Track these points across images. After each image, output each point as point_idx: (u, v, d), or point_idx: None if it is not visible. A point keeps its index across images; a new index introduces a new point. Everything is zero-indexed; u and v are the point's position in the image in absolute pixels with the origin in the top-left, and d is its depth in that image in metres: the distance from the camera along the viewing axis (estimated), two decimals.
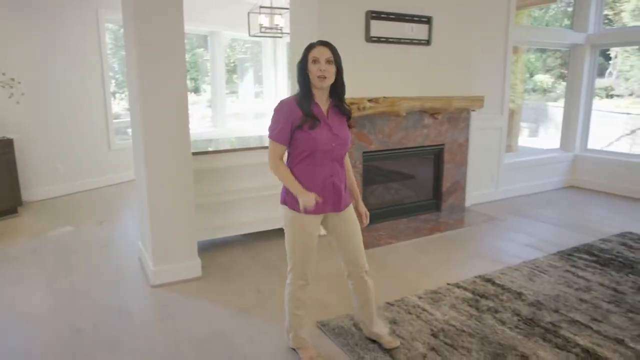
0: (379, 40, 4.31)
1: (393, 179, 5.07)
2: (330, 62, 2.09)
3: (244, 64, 9.32)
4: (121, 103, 7.75)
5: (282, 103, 2.17)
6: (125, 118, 7.13)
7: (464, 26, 4.84)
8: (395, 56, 4.44)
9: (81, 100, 5.94)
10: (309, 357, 2.39)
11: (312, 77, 2.10)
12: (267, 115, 8.91)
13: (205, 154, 3.77)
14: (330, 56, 2.09)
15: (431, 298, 3.07)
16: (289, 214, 2.22)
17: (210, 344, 2.59)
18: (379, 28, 4.29)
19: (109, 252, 4.00)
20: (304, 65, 2.11)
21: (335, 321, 2.76)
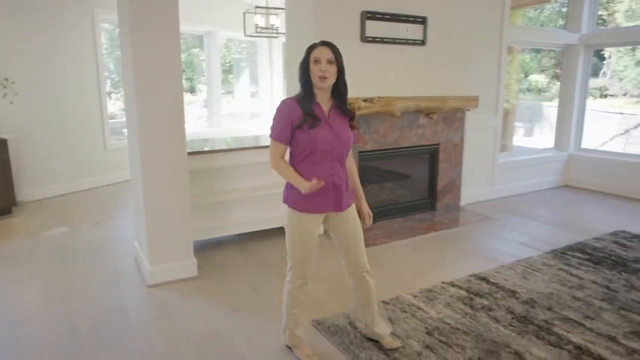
0: (374, 40, 4.33)
1: (388, 178, 5.09)
2: (332, 63, 2.10)
3: (239, 64, 9.32)
4: (117, 103, 7.74)
5: (283, 103, 2.18)
6: (121, 118, 7.11)
7: (459, 26, 4.87)
8: (391, 56, 4.47)
9: (77, 100, 5.93)
10: (305, 356, 2.41)
11: (314, 78, 2.11)
12: (263, 116, 8.94)
13: (201, 153, 3.77)
14: (332, 56, 2.09)
15: (426, 296, 3.09)
16: (290, 213, 2.23)
17: (208, 343, 2.60)
18: (374, 28, 4.31)
19: (105, 252, 4.00)
20: (305, 66, 2.12)
21: (331, 320, 2.77)
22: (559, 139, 6.67)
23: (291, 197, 2.21)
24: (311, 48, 2.14)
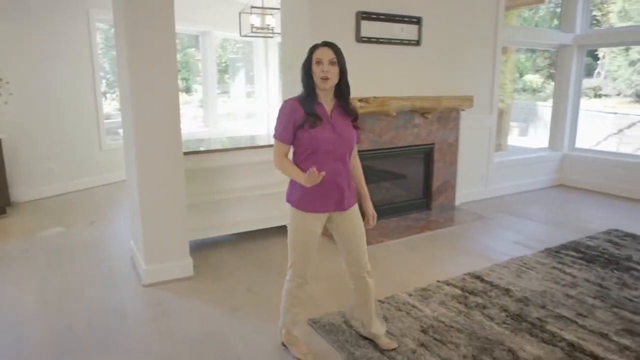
0: (369, 40, 4.35)
1: (384, 178, 5.11)
2: (334, 63, 2.10)
3: (235, 64, 9.32)
4: (112, 103, 7.73)
5: (285, 103, 2.20)
6: (116, 118, 7.10)
7: (454, 26, 4.89)
8: (386, 56, 4.49)
9: (72, 101, 5.91)
10: (300, 354, 2.42)
11: (316, 78, 2.12)
12: (259, 116, 8.93)
13: (197, 153, 3.78)
14: (334, 57, 2.10)
15: (421, 295, 3.11)
16: (293, 213, 2.24)
17: (204, 342, 2.61)
18: (370, 28, 4.33)
19: (101, 252, 4.00)
20: (308, 66, 2.14)
21: (326, 318, 2.79)
22: (553, 139, 6.71)
23: (294, 197, 2.23)
24: (313, 49, 2.14)
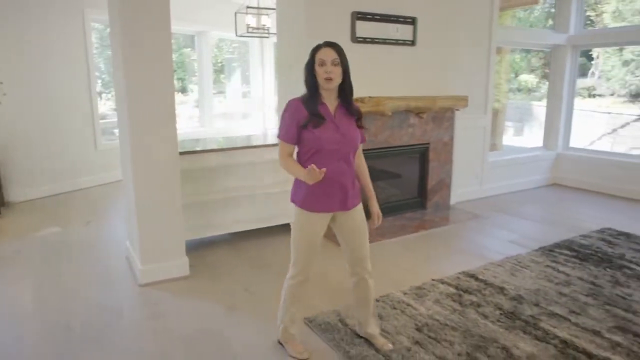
0: (364, 40, 4.36)
1: (379, 177, 5.12)
2: (337, 64, 2.12)
3: (231, 64, 9.32)
4: (107, 103, 7.72)
5: (288, 103, 2.21)
6: (112, 118, 7.09)
7: (448, 27, 4.92)
8: (381, 56, 4.50)
9: (67, 100, 5.90)
10: (296, 352, 2.44)
11: (320, 79, 2.13)
12: (254, 116, 8.92)
13: (193, 153, 3.79)
14: (336, 58, 2.12)
15: (416, 294, 3.14)
16: (297, 212, 2.25)
17: (200, 342, 2.62)
18: (365, 29, 4.35)
19: (97, 252, 4.00)
20: (310, 67, 2.15)
21: (322, 317, 2.80)
22: (547, 138, 6.76)
23: (298, 196, 2.24)
24: (316, 49, 2.15)
